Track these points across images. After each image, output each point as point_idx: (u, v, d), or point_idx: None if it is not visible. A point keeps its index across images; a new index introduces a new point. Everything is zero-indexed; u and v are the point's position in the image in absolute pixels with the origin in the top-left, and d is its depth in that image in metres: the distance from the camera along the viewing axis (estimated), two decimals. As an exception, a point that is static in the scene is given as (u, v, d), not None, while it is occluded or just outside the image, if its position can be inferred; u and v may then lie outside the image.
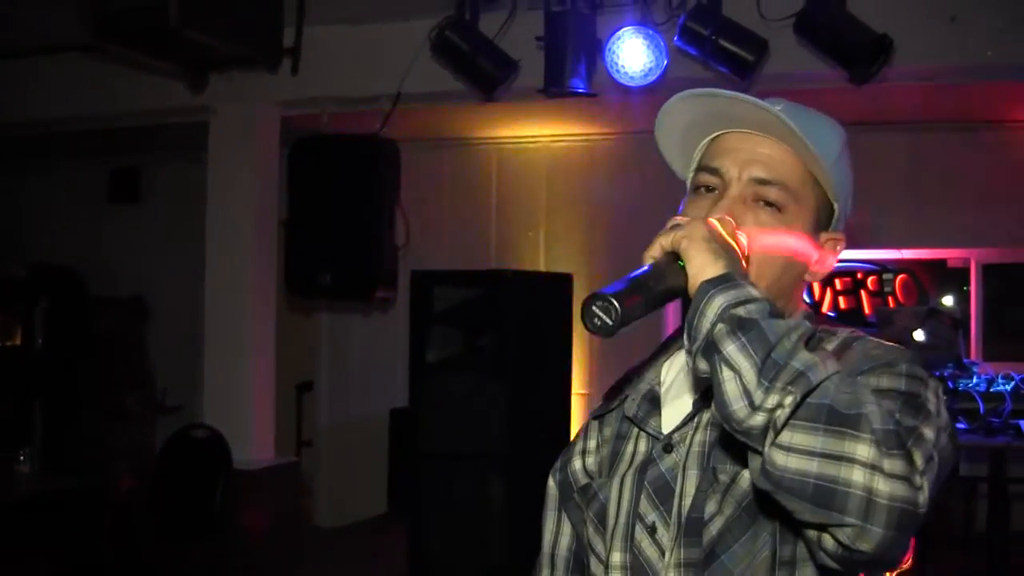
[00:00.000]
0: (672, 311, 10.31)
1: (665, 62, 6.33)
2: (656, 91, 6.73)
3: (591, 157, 10.41)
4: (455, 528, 7.64)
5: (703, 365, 1.59)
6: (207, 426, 7.52)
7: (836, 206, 2.02)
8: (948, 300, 10.19)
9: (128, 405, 10.17)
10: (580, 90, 6.38)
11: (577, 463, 2.11)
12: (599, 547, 1.98)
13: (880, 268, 10.33)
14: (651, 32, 6.32)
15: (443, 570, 7.67)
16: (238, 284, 7.97)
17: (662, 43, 6.33)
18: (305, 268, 7.52)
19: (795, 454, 1.51)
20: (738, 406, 1.53)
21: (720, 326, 1.56)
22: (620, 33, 6.33)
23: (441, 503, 7.70)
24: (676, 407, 1.99)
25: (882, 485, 1.49)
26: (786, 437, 1.51)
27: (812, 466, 1.50)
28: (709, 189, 1.98)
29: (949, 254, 10.29)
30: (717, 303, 1.58)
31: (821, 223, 2.00)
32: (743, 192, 1.93)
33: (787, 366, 1.51)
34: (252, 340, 7.99)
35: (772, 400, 1.50)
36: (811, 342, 1.72)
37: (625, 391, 2.11)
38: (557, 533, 2.18)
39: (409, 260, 8.24)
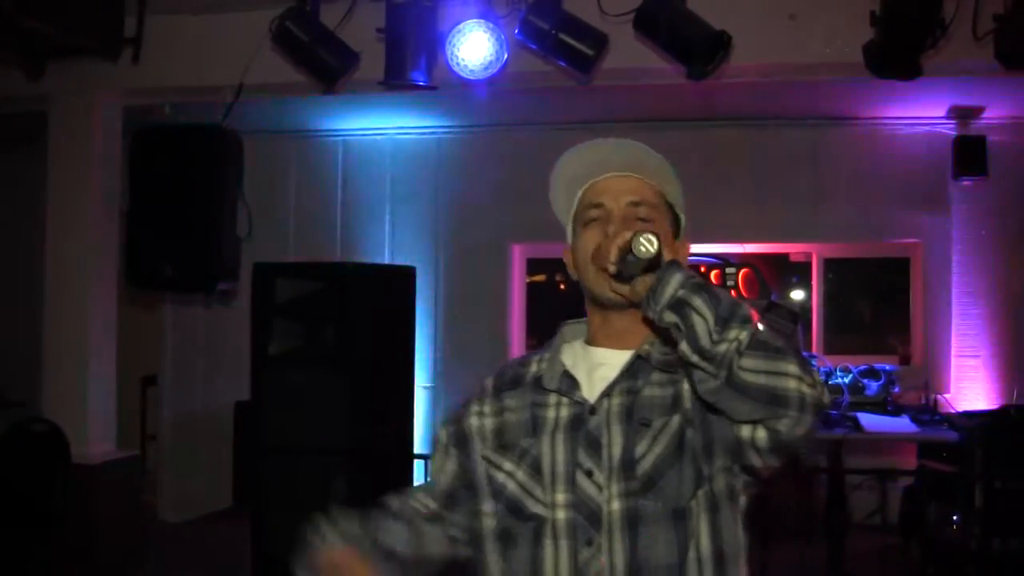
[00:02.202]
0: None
1: (505, 56, 6.30)
2: (497, 85, 6.76)
3: (437, 150, 10.41)
4: (298, 522, 7.58)
5: (670, 317, 2.20)
6: (46, 420, 7.39)
7: (682, 218, 2.72)
8: (798, 295, 10.35)
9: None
10: (420, 83, 6.34)
11: (474, 421, 2.68)
12: (537, 491, 2.48)
13: (723, 262, 10.47)
14: (492, 25, 6.30)
15: (287, 564, 7.61)
16: (78, 276, 7.83)
17: (503, 37, 6.31)
18: (146, 260, 7.38)
19: (750, 372, 2.13)
20: (706, 339, 2.15)
21: (683, 291, 2.19)
22: (461, 26, 6.29)
23: (284, 497, 7.65)
24: (588, 384, 2.55)
25: (807, 389, 2.16)
26: (744, 361, 2.13)
27: (762, 379, 2.14)
28: (595, 220, 2.59)
29: (791, 248, 10.47)
30: (678, 276, 2.22)
31: (675, 233, 2.68)
32: (623, 214, 2.57)
33: (737, 313, 2.17)
34: (92, 333, 7.85)
35: (732, 334, 2.14)
36: None
37: (523, 375, 2.68)
38: (440, 471, 2.73)
39: (255, 252, 8.15)
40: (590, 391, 2.52)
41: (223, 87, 7.31)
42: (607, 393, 2.49)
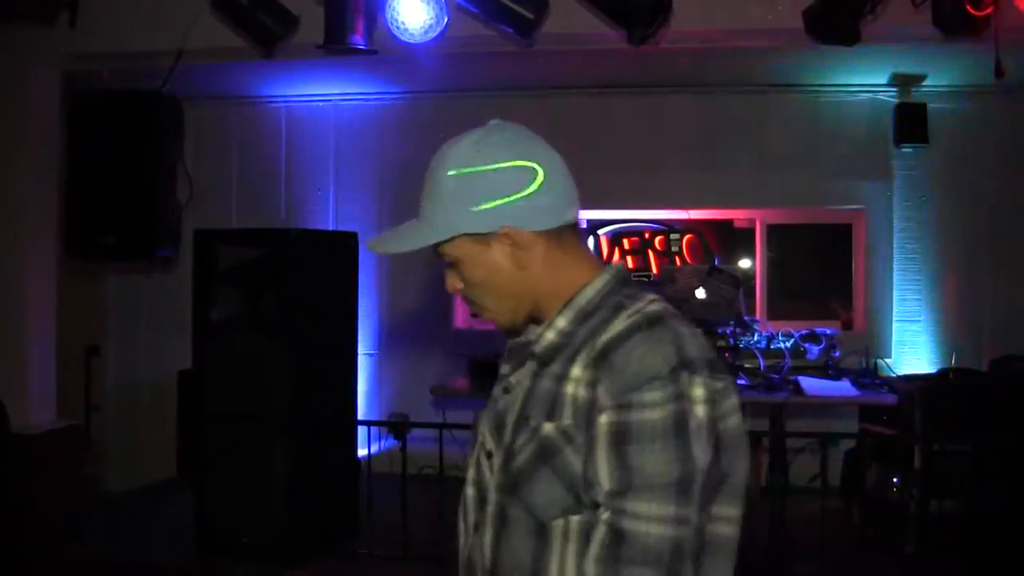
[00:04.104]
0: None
1: (446, 19, 6.29)
2: (438, 49, 6.73)
3: (381, 116, 10.38)
4: (240, 490, 7.59)
5: None
6: (-17, 391, 7.35)
7: (485, 230, 2.20)
8: (745, 263, 10.38)
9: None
10: (360, 47, 6.30)
11: None
12: (468, 462, 2.34)
13: (667, 228, 10.48)
14: (432, -11, 6.30)
15: (229, 532, 7.62)
16: (15, 246, 7.75)
17: (443, 0, 6.31)
18: (85, 228, 7.33)
19: None
20: None
21: None
22: (400, -11, 6.29)
23: (226, 465, 7.64)
24: (515, 358, 2.29)
25: None
26: None
27: None
28: None
29: (735, 215, 10.49)
30: None
31: (488, 242, 2.22)
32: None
33: None
34: (31, 303, 7.78)
35: None
36: (577, 332, 2.15)
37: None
38: None
39: (198, 219, 8.14)
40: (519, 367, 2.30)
41: (162, 53, 7.23)
42: (518, 369, 2.27)
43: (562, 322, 2.19)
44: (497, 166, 2.17)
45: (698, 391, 1.97)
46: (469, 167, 2.18)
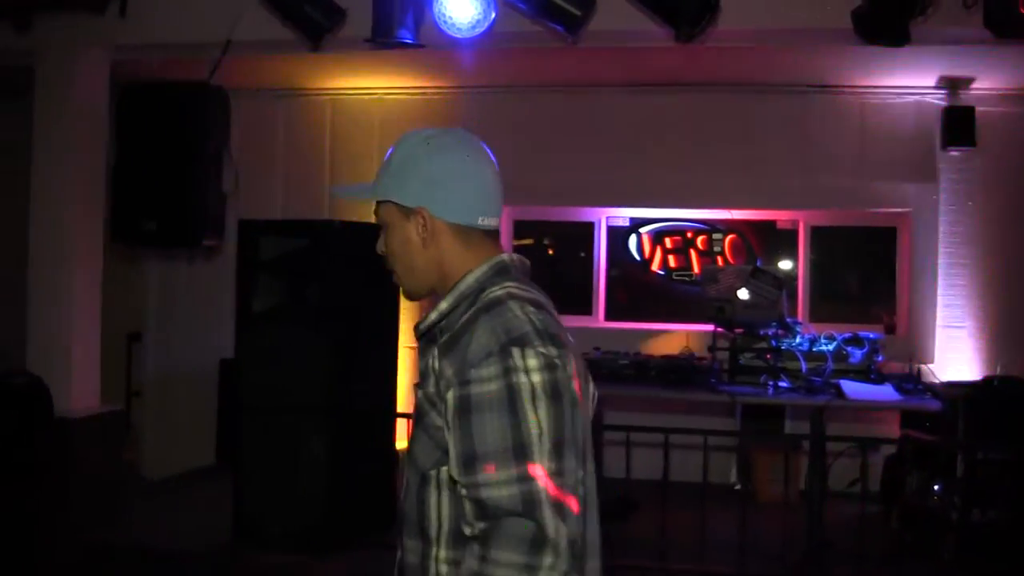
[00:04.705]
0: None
1: (493, 15, 6.28)
2: (484, 44, 6.72)
3: (425, 110, 10.36)
4: (277, 480, 7.61)
5: None
6: (27, 373, 7.37)
7: (408, 204, 2.53)
8: (786, 264, 10.34)
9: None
10: (407, 41, 6.31)
11: None
12: None
13: (710, 228, 10.46)
14: (480, -16, 6.28)
15: (265, 521, 7.64)
16: (64, 231, 7.78)
17: (491, -5, 6.30)
18: (131, 215, 7.38)
19: None
20: None
21: None
22: (449, -17, 6.28)
23: (264, 455, 7.66)
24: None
25: None
26: None
27: None
28: None
29: (778, 216, 10.45)
30: None
31: (408, 216, 2.54)
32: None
33: None
34: (78, 288, 7.81)
35: None
36: (454, 313, 2.44)
37: None
38: None
39: (243, 209, 8.18)
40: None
41: (211, 44, 7.26)
42: (428, 350, 2.52)
43: (444, 304, 2.48)
44: (436, 160, 2.51)
45: (532, 361, 2.24)
46: (415, 154, 2.53)
